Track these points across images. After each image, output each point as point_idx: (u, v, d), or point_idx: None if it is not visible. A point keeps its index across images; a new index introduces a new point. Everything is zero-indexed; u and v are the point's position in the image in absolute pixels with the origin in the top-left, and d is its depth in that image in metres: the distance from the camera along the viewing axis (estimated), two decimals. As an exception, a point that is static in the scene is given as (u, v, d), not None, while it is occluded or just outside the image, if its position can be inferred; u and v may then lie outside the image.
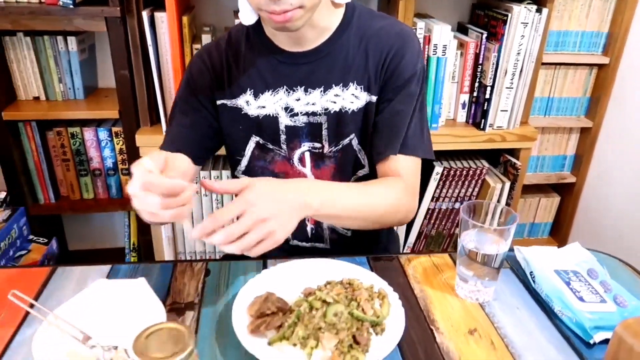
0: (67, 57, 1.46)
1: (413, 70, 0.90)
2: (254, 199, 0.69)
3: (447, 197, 1.62)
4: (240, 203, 0.69)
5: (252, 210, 0.68)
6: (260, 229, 0.68)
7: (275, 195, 0.72)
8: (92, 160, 1.55)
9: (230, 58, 0.94)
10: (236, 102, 0.94)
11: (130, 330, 0.68)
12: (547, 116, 1.75)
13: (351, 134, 0.94)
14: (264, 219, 0.69)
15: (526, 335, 0.75)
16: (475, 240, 0.79)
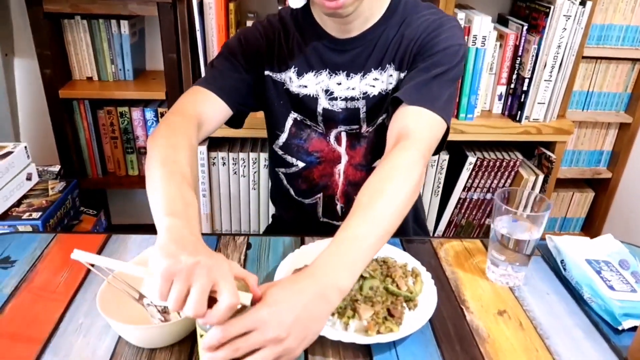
0: (119, 40, 1.53)
1: (445, 44, 0.87)
2: (266, 315, 0.57)
3: (479, 188, 1.63)
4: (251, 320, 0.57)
5: (264, 328, 0.56)
6: (274, 347, 0.57)
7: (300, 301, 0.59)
8: (138, 138, 1.63)
9: (281, 35, 0.96)
10: (281, 77, 0.97)
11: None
12: (585, 110, 1.74)
13: (384, 114, 0.96)
14: (280, 339, 0.57)
15: (554, 318, 0.77)
16: (508, 226, 0.82)
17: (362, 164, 1.01)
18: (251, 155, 1.55)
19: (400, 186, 0.73)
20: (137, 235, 0.94)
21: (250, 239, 0.94)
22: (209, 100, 0.91)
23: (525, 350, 0.71)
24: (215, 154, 1.54)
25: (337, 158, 1.01)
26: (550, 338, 0.73)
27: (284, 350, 0.57)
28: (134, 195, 1.93)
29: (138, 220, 1.98)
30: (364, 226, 0.68)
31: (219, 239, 0.94)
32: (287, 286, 0.61)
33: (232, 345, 0.56)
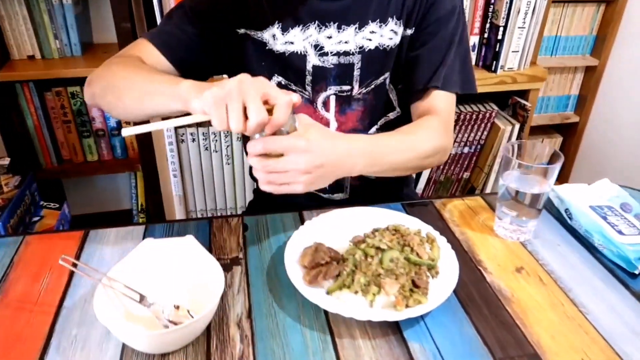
0: (61, 11, 1.36)
1: (453, 4, 0.87)
2: (305, 146, 0.66)
3: (456, 142, 1.61)
4: (288, 144, 0.66)
5: (301, 155, 0.66)
6: (293, 176, 0.67)
7: (326, 153, 0.69)
8: (94, 120, 1.49)
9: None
10: (261, 35, 0.88)
11: (189, 288, 0.68)
12: (553, 56, 1.74)
13: (385, 73, 0.90)
14: (306, 171, 0.67)
15: (571, 270, 0.76)
16: (517, 180, 0.79)
17: (357, 129, 0.95)
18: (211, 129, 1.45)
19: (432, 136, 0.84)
20: (120, 228, 0.85)
21: (245, 219, 0.87)
22: (150, 54, 0.85)
23: (552, 306, 0.69)
24: (183, 131, 1.44)
25: (326, 125, 0.94)
26: (572, 290, 0.72)
27: (295, 181, 0.67)
28: (94, 181, 1.80)
29: (101, 209, 1.85)
30: (399, 143, 0.80)
31: (211, 222, 0.86)
32: (325, 134, 0.71)
33: (263, 162, 0.66)
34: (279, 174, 0.67)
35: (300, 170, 0.67)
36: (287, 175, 0.67)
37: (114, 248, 0.80)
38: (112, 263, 0.75)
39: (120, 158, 1.57)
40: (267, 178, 0.68)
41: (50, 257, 0.78)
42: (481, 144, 1.63)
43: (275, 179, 0.67)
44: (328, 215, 0.83)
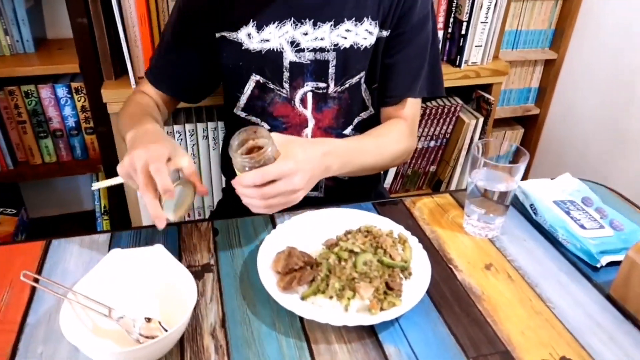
0: (11, 6, 1.29)
1: (426, 10, 0.89)
2: (294, 168, 0.69)
3: (423, 136, 1.63)
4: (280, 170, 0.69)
5: (289, 179, 0.69)
6: (288, 196, 0.70)
7: (312, 164, 0.73)
8: (51, 120, 1.42)
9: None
10: (237, 36, 0.88)
11: (160, 299, 0.67)
12: (514, 50, 1.78)
13: (360, 73, 0.91)
14: (296, 190, 0.70)
15: (538, 265, 0.79)
16: (484, 178, 0.81)
17: (333, 127, 0.95)
18: (187, 126, 1.42)
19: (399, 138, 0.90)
20: (84, 237, 0.81)
21: (215, 224, 0.85)
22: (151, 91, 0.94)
23: (521, 301, 0.71)
24: (146, 130, 1.39)
25: (304, 122, 0.94)
26: (539, 285, 0.74)
27: (292, 199, 0.71)
28: (52, 183, 1.72)
29: (62, 211, 1.78)
30: (370, 145, 0.86)
31: (180, 227, 0.84)
32: (304, 145, 0.75)
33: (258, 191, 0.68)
34: (277, 197, 0.69)
35: (295, 189, 0.70)
36: (284, 196, 0.70)
37: (79, 259, 0.77)
38: (78, 275, 0.72)
39: (80, 159, 1.51)
40: (265, 204, 0.70)
41: (9, 271, 0.74)
42: (447, 137, 1.66)
43: (274, 203, 0.70)
44: (300, 218, 0.82)
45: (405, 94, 0.92)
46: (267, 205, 0.70)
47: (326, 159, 0.76)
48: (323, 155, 0.75)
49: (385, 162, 0.90)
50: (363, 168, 0.85)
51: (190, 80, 0.95)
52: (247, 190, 0.69)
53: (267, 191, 0.68)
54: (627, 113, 1.61)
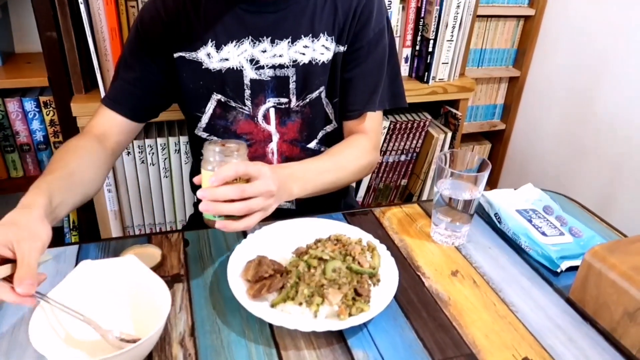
0: (-23, 19, 1.28)
1: (382, 24, 0.91)
2: (269, 172, 0.70)
3: (394, 150, 1.67)
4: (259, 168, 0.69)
5: (266, 180, 0.69)
6: (266, 199, 0.70)
7: (279, 177, 0.73)
8: (18, 134, 1.39)
9: (188, 6, 0.88)
10: (196, 56, 0.89)
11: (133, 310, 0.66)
12: (480, 67, 1.84)
13: (320, 87, 0.93)
14: (272, 194, 0.70)
15: (501, 271, 0.81)
16: (450, 188, 0.83)
17: (297, 140, 0.96)
18: (159, 140, 1.42)
19: (360, 154, 0.91)
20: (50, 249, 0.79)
21: (186, 234, 0.85)
22: (106, 116, 0.90)
23: (485, 306, 0.73)
24: (116, 144, 1.38)
25: (268, 137, 0.95)
26: (503, 290, 0.77)
27: (268, 205, 0.70)
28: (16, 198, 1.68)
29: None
30: (328, 164, 0.87)
31: (150, 239, 0.84)
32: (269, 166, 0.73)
33: (238, 187, 0.66)
34: (256, 199, 0.68)
35: (272, 192, 0.70)
36: (264, 198, 0.69)
37: (45, 271, 0.75)
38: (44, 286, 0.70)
39: (49, 173, 1.48)
40: (246, 205, 0.67)
41: (-29, 284, 0.72)
42: (417, 151, 1.70)
43: (253, 204, 0.68)
44: (270, 228, 0.83)
45: (364, 108, 0.94)
46: (247, 207, 0.67)
47: (287, 182, 0.77)
48: (284, 180, 0.76)
49: (348, 178, 0.91)
50: (325, 187, 0.87)
51: (147, 100, 0.92)
52: (223, 190, 0.65)
53: (249, 188, 0.67)
54: (585, 127, 1.69)
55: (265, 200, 0.69)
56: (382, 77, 0.95)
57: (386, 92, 0.97)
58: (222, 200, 0.66)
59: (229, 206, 0.66)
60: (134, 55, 0.90)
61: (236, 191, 0.66)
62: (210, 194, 0.65)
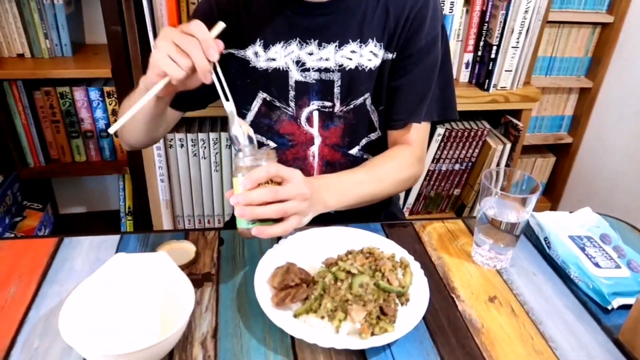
0: (52, 11, 1.36)
1: (435, 31, 0.88)
2: (301, 176, 0.70)
3: (448, 159, 1.61)
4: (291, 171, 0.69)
5: (299, 183, 0.69)
6: (301, 202, 0.69)
7: (312, 185, 0.73)
8: (83, 121, 1.48)
9: (241, 4, 0.89)
10: (244, 54, 0.90)
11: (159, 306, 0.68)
12: (548, 76, 1.73)
13: (365, 94, 0.91)
14: (306, 197, 0.69)
15: (544, 301, 0.75)
16: (495, 207, 0.79)
17: (339, 145, 0.95)
18: (211, 135, 1.45)
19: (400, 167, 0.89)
20: (93, 237, 0.84)
21: (221, 233, 0.86)
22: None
23: (521, 338, 0.69)
24: (172, 136, 1.43)
25: (310, 140, 0.95)
26: (543, 323, 0.71)
27: (303, 209, 0.69)
28: (83, 182, 1.79)
29: (90, 208, 1.85)
30: (365, 176, 0.84)
31: (187, 235, 0.85)
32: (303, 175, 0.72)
33: (272, 189, 0.66)
34: (290, 202, 0.68)
35: (305, 194, 0.69)
36: (298, 202, 0.68)
37: (86, 258, 0.79)
38: (82, 274, 0.75)
39: (109, 160, 1.56)
40: (281, 208, 0.67)
41: (20, 264, 0.77)
42: (472, 161, 1.63)
43: (288, 207, 0.67)
44: (304, 234, 0.82)
45: (409, 118, 0.91)
46: (282, 209, 0.67)
47: (321, 192, 0.76)
48: (318, 190, 0.75)
49: (387, 191, 0.89)
50: (362, 200, 0.85)
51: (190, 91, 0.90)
52: (257, 192, 0.66)
53: (282, 191, 0.67)
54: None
55: (300, 204, 0.69)
56: (431, 87, 0.91)
57: (435, 103, 0.93)
58: (256, 203, 0.66)
59: (264, 209, 0.66)
60: None
61: (270, 192, 0.66)
62: (244, 198, 0.66)
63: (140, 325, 0.67)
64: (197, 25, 0.65)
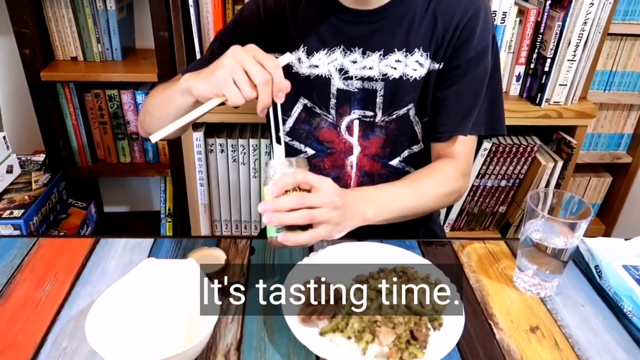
0: (105, 16, 1.40)
1: (486, 42, 0.84)
2: (332, 184, 0.68)
3: (494, 174, 1.54)
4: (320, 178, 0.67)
5: (329, 191, 0.67)
6: (331, 211, 0.66)
7: (347, 196, 0.70)
8: (129, 124, 1.52)
9: (287, 10, 0.89)
10: None
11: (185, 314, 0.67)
12: (606, 91, 1.63)
13: (409, 104, 0.88)
14: (337, 206, 0.67)
15: (593, 335, 0.70)
16: (542, 231, 0.73)
17: (379, 156, 0.93)
18: (251, 141, 1.45)
19: (442, 181, 0.85)
20: (128, 239, 0.85)
21: (253, 242, 0.85)
22: None
23: (564, 374, 0.63)
24: (212, 141, 1.45)
25: (349, 149, 0.93)
26: (590, 359, 0.65)
27: (334, 218, 0.66)
28: (127, 182, 1.84)
29: (132, 208, 1.90)
30: (405, 189, 0.81)
31: (219, 242, 0.85)
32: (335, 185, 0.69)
33: (298, 195, 0.64)
34: (319, 209, 0.65)
35: (335, 202, 0.67)
36: (328, 210, 0.66)
37: (119, 260, 0.80)
38: (114, 276, 0.75)
39: (152, 162, 1.60)
40: (309, 215, 0.65)
41: (57, 263, 0.79)
42: (520, 178, 1.55)
43: (317, 214, 0.65)
44: (336, 248, 0.79)
45: (455, 130, 0.87)
46: (310, 215, 0.65)
47: (357, 203, 0.73)
48: (354, 201, 0.73)
49: (428, 206, 0.85)
50: (403, 213, 0.81)
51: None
52: (284, 199, 0.64)
53: (309, 197, 0.65)
54: None
55: (330, 212, 0.66)
56: (479, 100, 0.87)
57: (483, 116, 0.89)
58: (283, 210, 0.65)
59: (291, 215, 0.65)
60: (225, 44, 0.89)
61: (296, 198, 0.65)
62: (271, 204, 0.65)
63: (166, 333, 0.66)
64: (270, 58, 0.66)
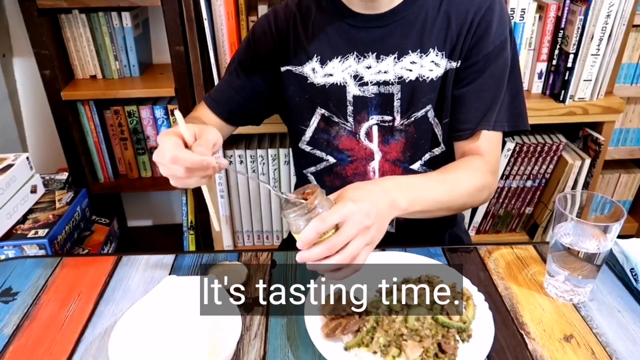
0: (122, 34, 1.42)
1: (502, 36, 0.82)
2: (354, 207, 0.61)
3: (518, 175, 1.50)
4: (339, 212, 0.60)
5: (354, 218, 0.60)
6: (364, 236, 0.61)
7: (372, 199, 0.64)
8: (149, 138, 1.53)
9: (298, 22, 0.89)
10: (302, 70, 0.89)
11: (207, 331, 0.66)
12: (634, 85, 1.58)
13: (427, 105, 0.86)
14: (367, 227, 0.61)
15: (632, 344, 0.66)
16: (572, 235, 0.70)
17: (400, 160, 0.91)
18: (270, 151, 1.45)
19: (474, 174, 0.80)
20: (150, 256, 0.85)
21: (274, 255, 0.84)
22: (206, 113, 0.94)
23: (603, 386, 0.60)
24: (232, 152, 1.45)
25: (370, 155, 0.91)
26: (631, 370, 0.62)
27: (371, 238, 0.62)
28: (149, 196, 1.86)
29: (155, 222, 1.92)
30: (437, 181, 0.77)
31: (240, 255, 0.84)
32: (362, 187, 0.66)
33: (327, 243, 0.58)
34: (354, 242, 0.60)
35: (367, 226, 0.61)
36: (361, 238, 0.61)
37: (141, 277, 0.80)
38: (137, 294, 0.75)
39: (173, 176, 1.60)
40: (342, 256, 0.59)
41: (81, 282, 0.79)
42: (546, 177, 1.51)
43: (353, 248, 0.60)
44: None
45: (477, 125, 0.83)
46: (349, 255, 0.59)
47: (389, 194, 0.67)
48: (383, 190, 0.67)
49: (461, 199, 0.79)
50: (437, 205, 0.75)
51: (246, 107, 0.96)
52: (315, 250, 0.59)
53: (337, 240, 0.59)
54: None
55: (365, 236, 0.61)
56: (501, 95, 0.84)
57: (505, 112, 0.86)
58: (318, 261, 0.60)
59: (330, 261, 0.60)
60: (242, 64, 0.93)
61: (328, 249, 0.59)
62: (307, 257, 0.60)
63: (188, 350, 0.66)
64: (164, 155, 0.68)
